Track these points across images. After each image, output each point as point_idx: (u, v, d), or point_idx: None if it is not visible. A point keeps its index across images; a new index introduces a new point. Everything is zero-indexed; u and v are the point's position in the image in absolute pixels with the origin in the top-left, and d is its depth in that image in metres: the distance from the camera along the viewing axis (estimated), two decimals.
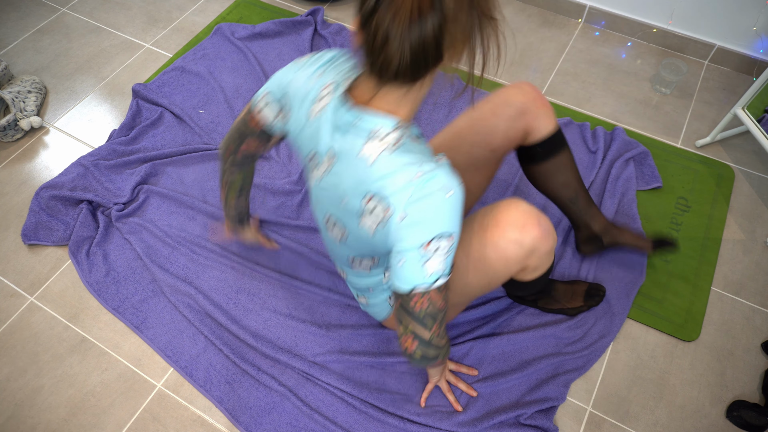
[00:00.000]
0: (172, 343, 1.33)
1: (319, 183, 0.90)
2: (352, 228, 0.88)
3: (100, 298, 1.40)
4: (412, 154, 0.79)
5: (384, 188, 0.78)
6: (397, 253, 0.81)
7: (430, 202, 0.76)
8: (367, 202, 0.81)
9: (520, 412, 1.20)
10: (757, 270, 1.45)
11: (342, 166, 0.83)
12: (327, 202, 0.91)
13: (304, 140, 0.91)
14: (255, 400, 1.24)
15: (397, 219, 0.78)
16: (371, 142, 0.79)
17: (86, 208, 1.53)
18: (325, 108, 0.84)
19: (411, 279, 0.81)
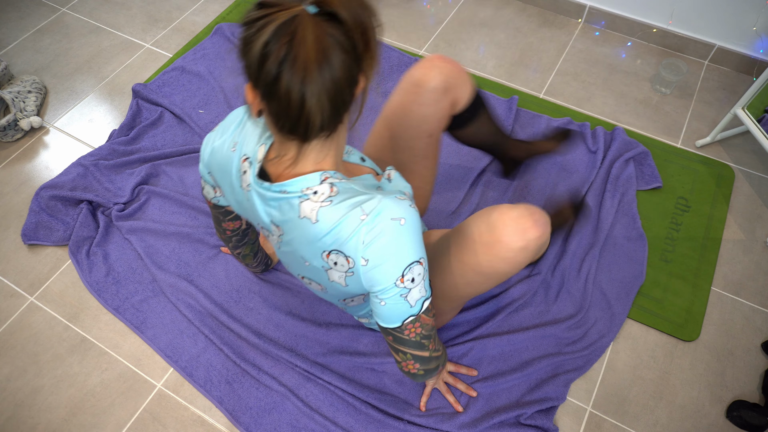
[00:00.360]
0: (173, 343, 1.33)
1: (279, 250, 0.89)
2: (325, 282, 0.87)
3: (101, 298, 1.40)
4: (350, 197, 0.77)
5: (335, 242, 0.77)
6: (375, 296, 0.81)
7: (386, 239, 0.75)
8: (327, 258, 0.80)
9: (521, 412, 1.20)
10: (757, 270, 1.45)
11: (290, 233, 0.82)
12: (294, 266, 0.90)
13: (246, 213, 0.91)
14: (255, 400, 1.24)
15: (361, 264, 0.77)
16: (306, 202, 0.78)
17: (86, 208, 1.53)
18: (251, 184, 0.83)
19: (397, 316, 0.82)
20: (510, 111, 1.73)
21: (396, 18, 2.06)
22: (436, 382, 1.22)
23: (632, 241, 1.48)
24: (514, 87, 1.85)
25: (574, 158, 1.64)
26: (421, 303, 0.82)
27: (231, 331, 1.34)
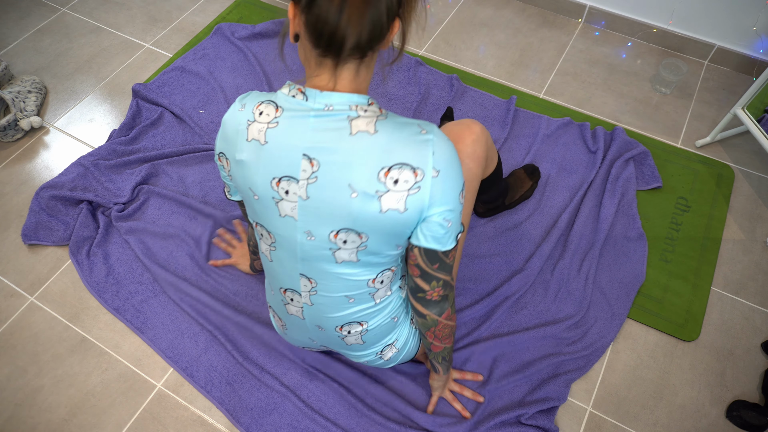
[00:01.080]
0: (173, 344, 1.33)
1: (304, 203, 0.80)
2: (371, 222, 0.79)
3: (101, 299, 1.40)
4: (400, 117, 0.79)
5: (402, 155, 0.75)
6: (443, 215, 0.79)
7: (450, 153, 0.78)
8: (385, 176, 0.75)
9: (522, 412, 1.20)
10: (757, 270, 1.45)
11: (334, 161, 0.76)
12: (325, 219, 0.80)
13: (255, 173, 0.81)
14: (256, 400, 1.24)
15: (432, 176, 0.76)
16: (358, 120, 0.76)
17: (86, 208, 1.53)
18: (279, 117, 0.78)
19: (454, 234, 0.83)
20: (509, 111, 1.73)
21: None
22: (442, 392, 1.21)
23: (632, 241, 1.48)
24: (514, 87, 1.85)
25: (574, 158, 1.64)
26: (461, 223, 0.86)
27: (235, 325, 1.34)
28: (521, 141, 1.69)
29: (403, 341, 1.07)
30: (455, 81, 1.82)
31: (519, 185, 1.53)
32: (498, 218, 1.53)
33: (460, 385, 1.24)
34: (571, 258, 1.44)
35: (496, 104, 1.78)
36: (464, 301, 1.38)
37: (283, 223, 0.84)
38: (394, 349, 1.07)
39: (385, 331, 1.02)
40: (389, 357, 1.08)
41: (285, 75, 1.85)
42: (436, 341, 0.99)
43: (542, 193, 1.57)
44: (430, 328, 0.96)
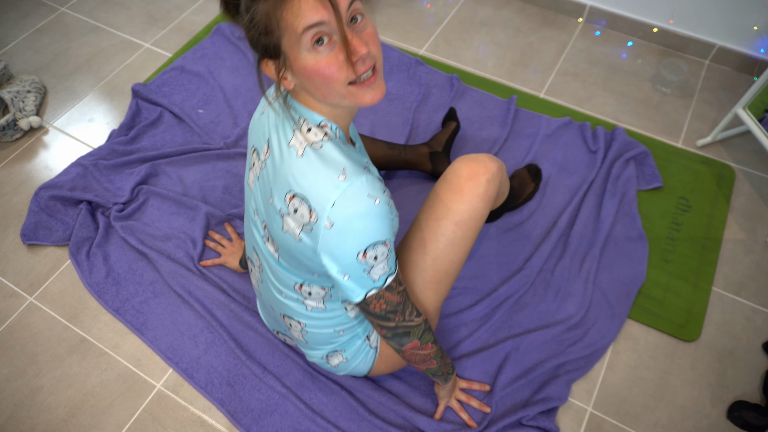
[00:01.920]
0: (173, 345, 1.33)
1: (257, 181, 0.89)
2: (278, 232, 0.84)
3: (101, 300, 1.40)
4: (338, 156, 0.77)
5: (306, 189, 0.76)
6: (337, 270, 0.79)
7: (357, 211, 0.75)
8: (289, 200, 0.79)
9: (523, 414, 1.20)
10: (757, 270, 1.45)
11: (274, 157, 0.82)
12: (261, 203, 0.88)
13: (250, 138, 0.93)
14: (257, 401, 1.24)
15: (324, 225, 0.76)
16: (298, 134, 0.79)
17: (85, 208, 1.52)
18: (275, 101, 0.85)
19: (361, 289, 0.81)
20: (509, 111, 1.73)
21: (396, 17, 2.06)
22: (449, 401, 1.21)
23: (633, 241, 1.48)
24: (514, 87, 1.85)
25: (575, 158, 1.64)
26: (385, 278, 0.82)
27: (239, 323, 1.34)
28: (521, 141, 1.68)
29: (353, 354, 1.06)
30: (455, 81, 1.82)
31: (522, 187, 1.53)
32: (497, 218, 1.52)
33: (467, 395, 1.22)
34: (571, 258, 1.44)
35: (496, 104, 1.77)
36: (464, 301, 1.38)
37: (248, 193, 0.94)
38: (341, 357, 1.07)
39: (326, 339, 1.03)
40: (336, 364, 1.08)
41: None
42: (413, 365, 1.01)
43: (543, 194, 1.57)
44: (399, 353, 0.98)
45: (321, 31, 0.68)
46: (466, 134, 1.70)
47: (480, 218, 1.02)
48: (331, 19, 0.68)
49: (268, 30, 0.71)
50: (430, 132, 1.71)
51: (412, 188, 1.59)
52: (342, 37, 0.69)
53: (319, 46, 0.70)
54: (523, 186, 1.53)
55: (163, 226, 1.51)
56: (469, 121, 1.73)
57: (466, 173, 1.01)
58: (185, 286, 1.40)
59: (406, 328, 0.90)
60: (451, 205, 1.00)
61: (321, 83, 0.73)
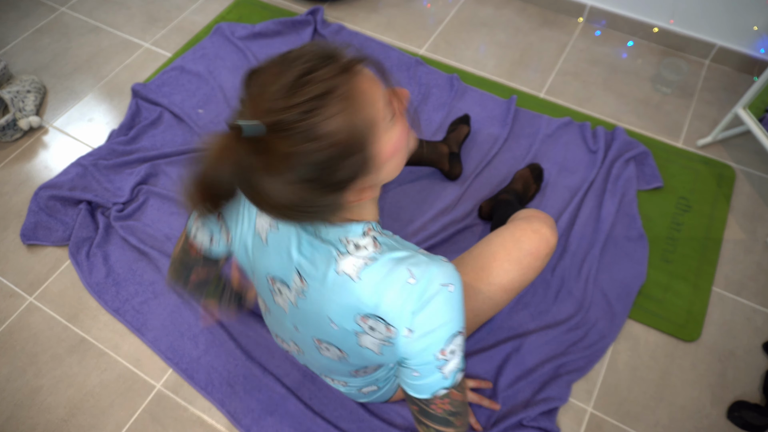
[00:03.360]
0: (173, 346, 1.32)
1: (293, 306, 0.79)
2: (351, 348, 0.77)
3: (101, 300, 1.39)
4: (394, 255, 0.70)
5: (379, 308, 0.69)
6: (410, 367, 0.73)
7: (435, 307, 0.68)
8: (362, 321, 0.71)
9: (524, 415, 1.20)
10: (758, 270, 1.44)
11: (319, 290, 0.73)
12: (311, 327, 0.79)
13: (255, 262, 0.79)
14: (257, 402, 1.24)
15: (404, 335, 0.69)
16: (347, 258, 0.70)
17: (85, 208, 1.52)
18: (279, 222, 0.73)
19: (430, 387, 0.74)
20: (509, 111, 1.73)
21: (396, 17, 2.06)
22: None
23: (633, 241, 1.48)
24: (515, 87, 1.85)
25: (575, 158, 1.64)
26: (455, 375, 0.74)
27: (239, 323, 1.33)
28: (522, 141, 1.68)
29: (384, 380, 1.05)
30: (455, 81, 1.81)
31: (527, 190, 1.53)
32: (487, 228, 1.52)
33: (479, 396, 1.21)
34: (571, 258, 1.44)
35: (496, 104, 1.77)
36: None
37: (276, 308, 0.84)
38: (374, 386, 1.05)
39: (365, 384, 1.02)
40: (368, 392, 1.07)
41: None
42: None
43: (543, 194, 1.57)
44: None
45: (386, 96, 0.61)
46: None
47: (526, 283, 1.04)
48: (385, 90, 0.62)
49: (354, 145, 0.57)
50: (429, 132, 1.71)
51: (412, 187, 1.59)
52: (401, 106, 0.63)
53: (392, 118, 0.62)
54: (527, 188, 1.53)
55: (163, 226, 1.51)
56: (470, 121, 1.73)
57: (528, 248, 1.00)
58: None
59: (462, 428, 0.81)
60: (506, 275, 1.00)
61: (403, 150, 0.66)
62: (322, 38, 1.96)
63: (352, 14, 2.07)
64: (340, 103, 0.55)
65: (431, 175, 1.61)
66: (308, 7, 2.09)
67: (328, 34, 1.95)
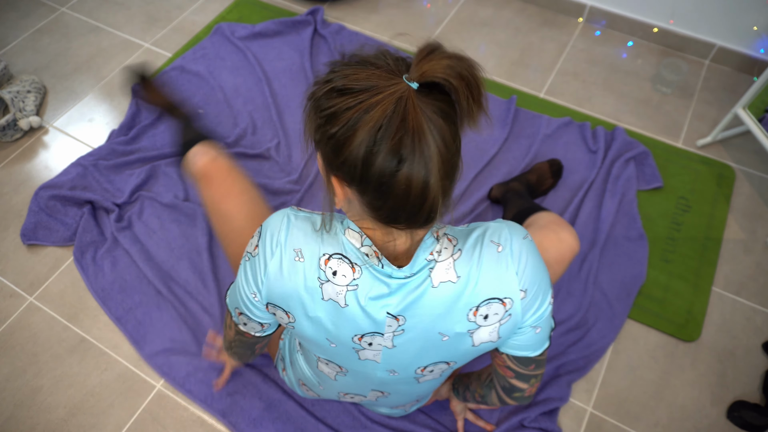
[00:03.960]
0: (169, 361, 1.29)
1: (389, 351, 0.76)
2: (465, 351, 0.76)
3: (105, 307, 1.38)
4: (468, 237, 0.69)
5: (485, 293, 0.69)
6: (529, 327, 0.74)
7: (531, 260, 0.70)
8: (474, 315, 0.71)
9: (524, 416, 1.20)
10: (757, 270, 1.44)
11: (417, 315, 0.71)
12: (414, 357, 0.77)
13: (338, 330, 0.74)
14: (258, 410, 1.22)
15: (520, 299, 0.70)
16: (436, 268, 0.68)
17: (88, 212, 1.51)
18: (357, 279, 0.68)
19: (546, 335, 0.77)
20: (509, 111, 1.73)
21: (396, 17, 2.06)
22: (465, 413, 1.19)
23: (633, 241, 1.48)
24: (515, 87, 1.85)
25: (575, 158, 1.64)
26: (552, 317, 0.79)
27: None
28: (521, 141, 1.68)
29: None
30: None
31: (540, 182, 1.53)
32: (498, 217, 1.52)
33: (474, 415, 1.22)
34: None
35: (496, 104, 1.77)
36: None
37: (362, 365, 0.81)
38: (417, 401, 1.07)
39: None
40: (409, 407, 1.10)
41: (285, 74, 1.84)
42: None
43: None
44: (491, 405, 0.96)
45: None
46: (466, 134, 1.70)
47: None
48: None
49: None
50: None
51: None
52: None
53: None
54: (541, 181, 1.53)
55: (164, 234, 1.49)
56: None
57: (555, 256, 1.04)
58: (185, 301, 1.38)
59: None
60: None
61: None
62: (323, 39, 1.96)
63: (352, 14, 2.07)
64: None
65: None
66: (308, 7, 2.09)
67: (328, 34, 1.95)
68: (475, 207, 1.55)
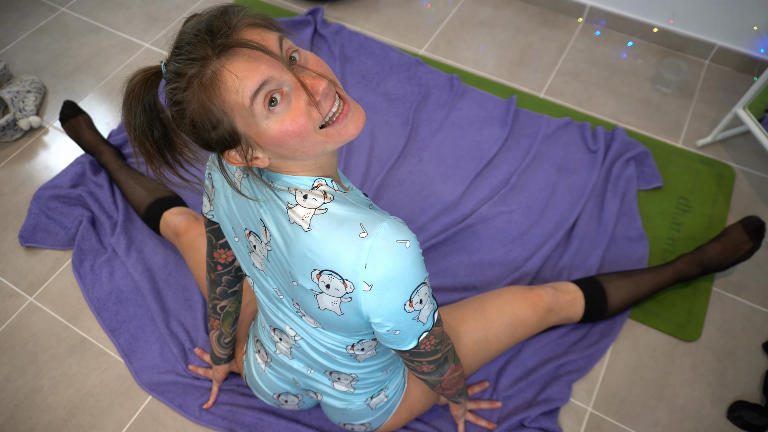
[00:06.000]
0: (161, 379, 1.28)
1: (267, 263, 0.79)
2: (315, 311, 0.77)
3: (99, 317, 1.37)
4: (347, 209, 0.69)
5: (331, 262, 0.68)
6: (386, 327, 0.74)
7: (392, 262, 0.68)
8: (317, 278, 0.71)
9: (524, 416, 1.20)
10: (757, 270, 1.44)
11: (277, 239, 0.73)
12: (284, 284, 0.79)
13: (235, 219, 0.81)
14: (253, 419, 1.21)
15: (363, 290, 0.69)
16: (296, 207, 0.70)
17: (86, 220, 1.50)
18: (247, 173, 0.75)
19: (412, 337, 0.77)
20: (509, 111, 1.73)
21: (396, 17, 2.06)
22: (465, 416, 1.19)
23: (633, 241, 1.48)
24: (515, 87, 1.85)
25: (575, 158, 1.64)
26: (432, 317, 0.77)
27: None
28: (521, 141, 1.68)
29: (393, 389, 1.06)
30: (455, 81, 1.82)
31: (733, 248, 1.34)
32: (498, 217, 1.52)
33: (475, 401, 1.22)
34: (572, 258, 1.44)
35: (496, 104, 1.77)
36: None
37: (256, 273, 0.85)
38: (383, 396, 1.04)
39: (374, 381, 1.01)
40: (375, 405, 1.05)
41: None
42: (447, 391, 0.98)
43: (543, 194, 1.57)
44: (435, 386, 0.95)
45: (269, 91, 0.60)
46: (466, 134, 1.70)
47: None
48: (272, 72, 0.60)
49: (213, 122, 0.62)
50: (429, 132, 1.71)
51: (413, 187, 1.59)
52: (295, 82, 0.62)
53: (274, 108, 0.62)
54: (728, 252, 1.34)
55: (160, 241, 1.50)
56: (470, 121, 1.73)
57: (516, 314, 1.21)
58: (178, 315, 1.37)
59: (446, 353, 0.87)
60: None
61: (296, 143, 0.65)
62: (322, 38, 1.96)
63: (352, 14, 2.07)
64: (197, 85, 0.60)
65: (431, 174, 1.61)
66: (308, 7, 2.09)
67: (328, 34, 1.95)
68: (475, 207, 1.55)
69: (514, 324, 1.19)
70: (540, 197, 1.56)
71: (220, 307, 1.06)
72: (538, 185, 1.58)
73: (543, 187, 1.58)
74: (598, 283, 1.29)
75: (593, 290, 1.28)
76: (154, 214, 1.43)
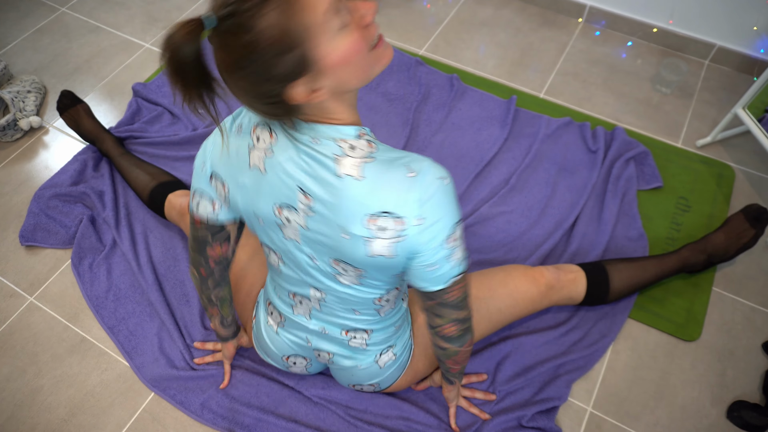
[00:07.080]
0: (162, 374, 1.28)
1: (306, 230, 0.80)
2: (363, 259, 0.79)
3: (98, 315, 1.37)
4: (392, 155, 0.74)
5: (385, 204, 0.72)
6: (426, 261, 0.77)
7: (439, 197, 0.73)
8: (371, 223, 0.74)
9: (522, 414, 1.20)
10: (757, 270, 1.45)
11: (325, 200, 0.75)
12: (326, 247, 0.81)
13: (259, 198, 0.81)
14: (252, 420, 1.21)
15: (414, 224, 0.73)
16: (344, 160, 0.72)
17: (86, 218, 1.51)
18: (273, 145, 0.76)
19: (445, 277, 0.80)
20: (509, 111, 1.73)
21: (396, 17, 2.06)
22: (458, 401, 1.20)
23: (633, 241, 1.48)
24: (515, 87, 1.85)
25: (575, 158, 1.64)
26: (463, 262, 0.81)
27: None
28: (521, 141, 1.68)
29: (401, 348, 1.08)
30: (455, 81, 1.82)
31: (731, 241, 1.36)
32: (498, 218, 1.52)
33: (470, 389, 1.23)
34: (572, 258, 1.44)
35: (496, 104, 1.77)
36: None
37: (288, 245, 0.86)
38: (391, 354, 1.07)
39: (386, 338, 1.04)
40: (385, 363, 1.07)
41: None
42: (455, 366, 1.00)
43: (543, 194, 1.57)
44: (450, 358, 0.97)
45: (338, 8, 0.63)
46: (466, 134, 1.70)
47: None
48: None
49: (289, 45, 0.61)
50: (429, 132, 1.71)
51: None
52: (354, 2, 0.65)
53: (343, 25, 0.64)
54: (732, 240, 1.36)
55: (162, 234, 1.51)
56: (469, 121, 1.73)
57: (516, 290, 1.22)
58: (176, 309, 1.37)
59: (471, 320, 0.91)
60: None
61: (359, 63, 0.67)
62: None
63: None
64: (275, 4, 0.59)
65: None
66: None
67: None
68: (475, 207, 1.55)
69: (515, 295, 1.20)
70: (540, 197, 1.56)
71: (215, 296, 1.07)
72: (538, 185, 1.58)
73: (543, 187, 1.58)
74: (602, 267, 1.31)
75: (596, 272, 1.30)
76: (158, 198, 1.46)
